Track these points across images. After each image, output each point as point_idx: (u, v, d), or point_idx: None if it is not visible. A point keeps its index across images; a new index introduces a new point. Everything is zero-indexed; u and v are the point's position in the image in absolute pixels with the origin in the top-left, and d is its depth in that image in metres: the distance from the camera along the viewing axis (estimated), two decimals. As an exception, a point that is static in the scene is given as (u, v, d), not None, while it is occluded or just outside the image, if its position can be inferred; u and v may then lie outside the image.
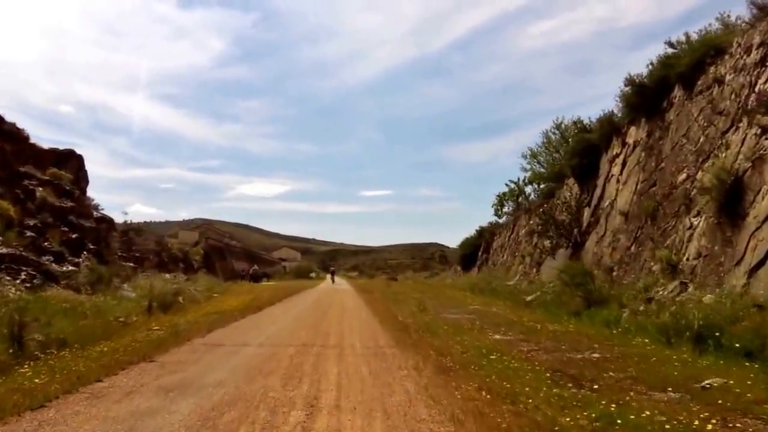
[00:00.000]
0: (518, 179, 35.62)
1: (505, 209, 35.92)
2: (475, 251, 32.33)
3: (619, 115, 15.68)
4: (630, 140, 14.22)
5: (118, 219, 28.81)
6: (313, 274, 71.36)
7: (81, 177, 25.55)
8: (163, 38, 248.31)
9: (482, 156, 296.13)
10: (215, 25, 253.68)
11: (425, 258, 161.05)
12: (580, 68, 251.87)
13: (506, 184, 35.39)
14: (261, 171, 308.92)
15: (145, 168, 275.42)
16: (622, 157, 14.35)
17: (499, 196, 36.19)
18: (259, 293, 23.19)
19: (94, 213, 24.35)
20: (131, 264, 25.29)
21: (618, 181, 14.09)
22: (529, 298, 14.54)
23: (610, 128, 15.72)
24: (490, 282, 20.44)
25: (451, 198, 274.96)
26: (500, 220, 35.59)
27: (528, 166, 27.86)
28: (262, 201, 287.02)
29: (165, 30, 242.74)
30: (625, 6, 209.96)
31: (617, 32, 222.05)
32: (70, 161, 24.48)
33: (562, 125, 26.80)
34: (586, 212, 15.69)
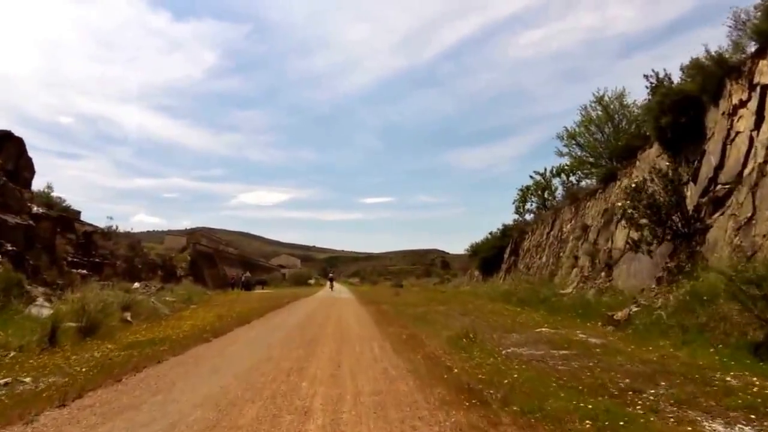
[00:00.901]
0: (545, 170, 31.01)
1: (528, 206, 31.31)
2: (498, 254, 27.53)
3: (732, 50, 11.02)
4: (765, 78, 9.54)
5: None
6: (311, 281, 66.53)
7: (22, 165, 20.86)
8: (158, 51, 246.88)
9: (479, 162, 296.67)
10: (208, 37, 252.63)
11: (426, 264, 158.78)
12: (570, 76, 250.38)
13: (531, 176, 30.71)
14: (262, 179, 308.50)
15: (148, 178, 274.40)
16: (753, 103, 9.65)
17: (521, 190, 31.46)
18: (243, 305, 18.66)
19: (36, 209, 19.68)
20: (83, 271, 20.63)
21: (752, 139, 9.39)
22: (618, 316, 9.78)
23: (719, 70, 11.03)
24: (535, 291, 15.64)
25: (451, 204, 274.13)
26: (523, 218, 30.97)
27: (564, 150, 23.12)
28: (264, 209, 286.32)
29: (159, 43, 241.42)
30: (613, 15, 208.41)
31: (606, 41, 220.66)
32: (5, 146, 19.83)
33: (604, 99, 22.21)
34: (691, 190, 10.97)
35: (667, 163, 11.42)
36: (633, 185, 10.71)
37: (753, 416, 3.74)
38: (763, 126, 9.31)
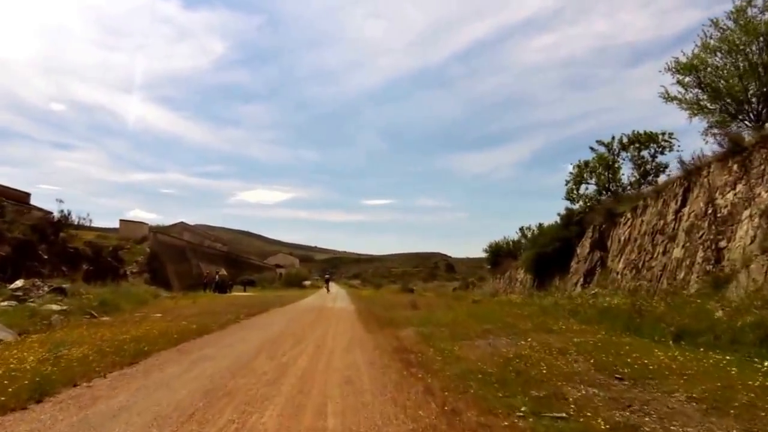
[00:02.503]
0: (612, 139, 23.04)
1: (583, 189, 23.28)
2: (563, 250, 19.78)
3: None
4: None
5: None
6: (307, 282, 58.58)
7: None
8: (165, 39, 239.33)
9: (481, 167, 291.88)
10: (218, 27, 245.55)
11: (430, 267, 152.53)
12: (576, 83, 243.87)
13: (592, 148, 22.69)
14: (263, 178, 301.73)
15: (145, 172, 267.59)
16: None
17: (577, 166, 23.41)
18: (184, 318, 11.41)
19: None
20: None
21: None
22: None
23: None
24: (705, 311, 7.79)
25: (453, 208, 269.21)
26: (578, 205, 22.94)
27: (680, 92, 15.09)
28: (265, 208, 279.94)
29: (167, 31, 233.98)
30: (625, 23, 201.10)
31: (616, 48, 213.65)
32: None
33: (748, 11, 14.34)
34: None
35: None
36: None
37: None
38: None
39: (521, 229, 35.78)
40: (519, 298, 17.82)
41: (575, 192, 21.94)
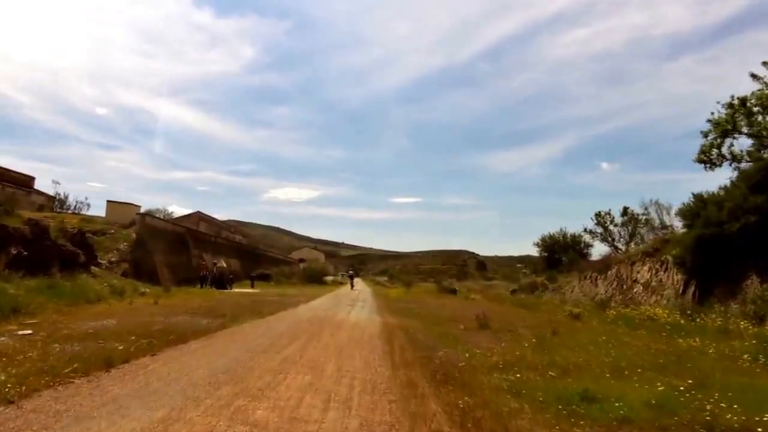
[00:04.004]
0: None
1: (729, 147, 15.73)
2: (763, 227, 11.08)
3: None
4: None
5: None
6: (328, 278, 52.32)
7: None
8: (199, 45, 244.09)
9: (512, 165, 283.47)
10: (249, 33, 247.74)
11: (459, 265, 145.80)
12: (613, 78, 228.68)
13: (753, 75, 15.31)
14: (292, 176, 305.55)
15: (182, 171, 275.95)
16: None
17: (730, 105, 15.92)
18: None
19: None
20: None
21: None
22: None
23: None
24: None
25: (481, 207, 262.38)
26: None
27: None
28: (294, 205, 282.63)
29: (201, 38, 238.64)
30: (662, 14, 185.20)
31: (652, 41, 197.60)
32: None
33: None
34: None
35: None
36: None
37: None
38: None
39: (598, 215, 27.90)
40: (676, 316, 10.39)
41: (714, 149, 14.55)
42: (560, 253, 38.34)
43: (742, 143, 14.97)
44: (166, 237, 30.06)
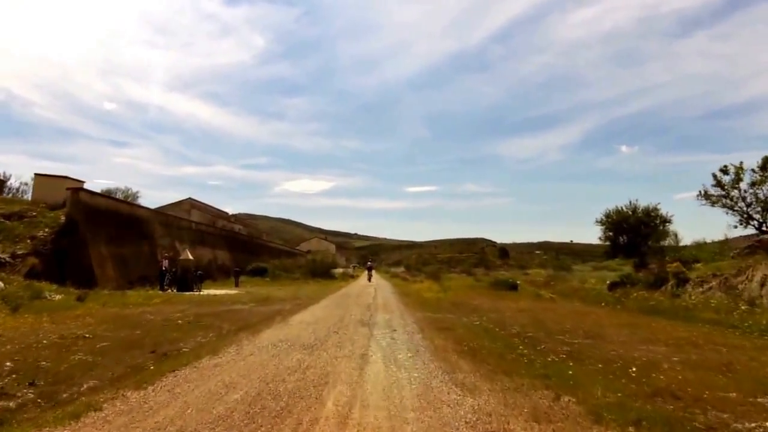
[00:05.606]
0: None
1: None
2: None
3: None
4: None
5: None
6: (337, 271, 44.38)
7: None
8: (209, 36, 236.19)
9: (527, 151, 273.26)
10: (259, 21, 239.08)
11: (476, 252, 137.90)
12: (625, 58, 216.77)
13: None
14: (307, 168, 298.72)
15: (195, 165, 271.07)
16: None
17: None
18: None
19: None
20: None
21: None
22: None
23: None
24: None
25: (499, 193, 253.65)
26: None
27: None
28: (307, 197, 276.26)
29: (211, 27, 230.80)
30: None
31: (662, 18, 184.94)
32: None
33: None
34: None
35: None
36: None
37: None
38: None
39: (724, 169, 18.59)
40: None
41: None
42: (629, 233, 30.05)
43: None
44: (116, 221, 22.27)
